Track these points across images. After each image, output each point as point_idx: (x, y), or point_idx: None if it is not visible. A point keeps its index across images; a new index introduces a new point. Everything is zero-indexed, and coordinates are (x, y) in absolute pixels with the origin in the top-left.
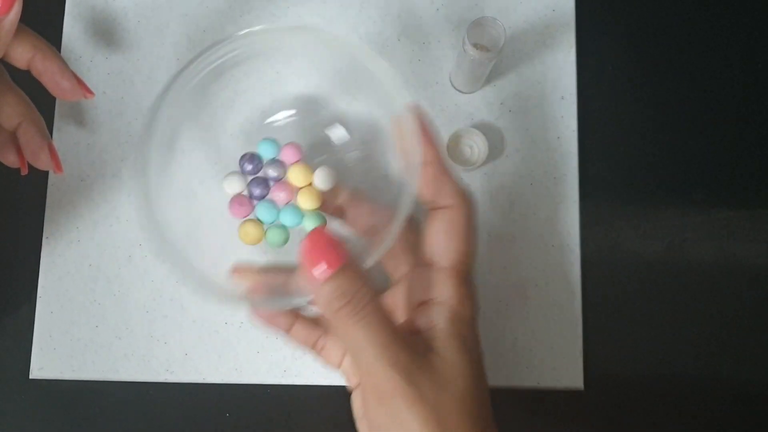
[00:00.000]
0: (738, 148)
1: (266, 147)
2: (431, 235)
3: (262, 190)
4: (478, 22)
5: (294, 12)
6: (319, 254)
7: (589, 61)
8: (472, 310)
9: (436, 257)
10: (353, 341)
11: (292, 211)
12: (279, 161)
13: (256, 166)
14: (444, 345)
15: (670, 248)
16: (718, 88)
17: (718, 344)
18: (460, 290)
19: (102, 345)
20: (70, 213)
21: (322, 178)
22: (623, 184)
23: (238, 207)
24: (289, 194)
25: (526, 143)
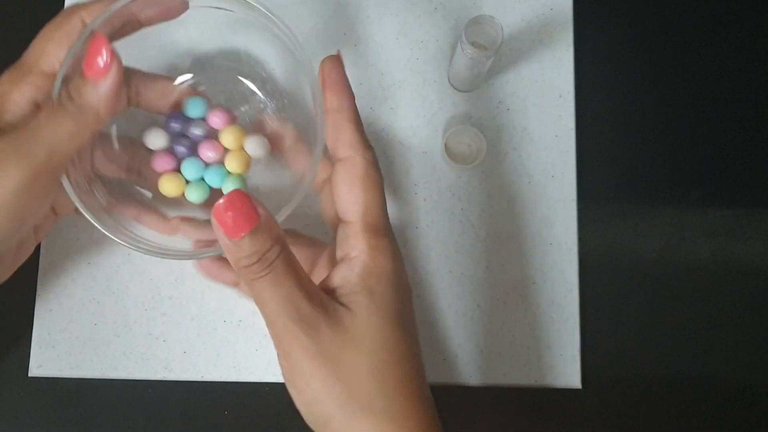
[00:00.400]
0: (736, 146)
1: (194, 105)
2: (335, 190)
3: (186, 148)
4: (476, 21)
5: (293, 11)
6: (233, 216)
7: (587, 59)
8: (387, 264)
9: (342, 212)
10: (258, 296)
11: (217, 172)
12: (206, 122)
13: (183, 126)
14: (353, 300)
15: (667, 247)
16: (715, 87)
17: (716, 343)
18: (369, 243)
19: (101, 343)
20: None
21: (254, 146)
22: (621, 182)
23: (160, 161)
24: (219, 154)
25: (524, 142)
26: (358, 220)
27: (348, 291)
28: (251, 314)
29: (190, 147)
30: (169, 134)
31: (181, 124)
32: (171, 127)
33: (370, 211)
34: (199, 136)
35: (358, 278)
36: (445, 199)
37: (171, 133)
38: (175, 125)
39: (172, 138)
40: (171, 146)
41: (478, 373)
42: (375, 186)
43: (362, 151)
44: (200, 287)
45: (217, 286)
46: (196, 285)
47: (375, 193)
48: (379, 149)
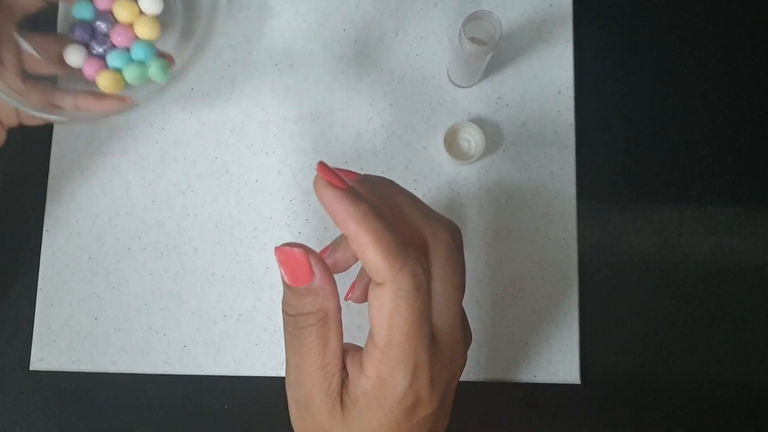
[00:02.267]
0: (735, 143)
1: (82, 6)
2: (369, 310)
3: (102, 44)
4: (475, 16)
5: (292, 7)
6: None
7: (587, 55)
8: (392, 399)
9: (371, 326)
10: (284, 340)
11: (140, 47)
12: (101, 12)
13: (87, 30)
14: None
15: (666, 243)
16: (715, 83)
17: (715, 338)
18: (380, 375)
19: (101, 337)
20: (70, 206)
21: (148, 3)
22: (620, 178)
23: (90, 68)
24: (129, 33)
25: (523, 137)
26: (378, 350)
27: (356, 393)
28: (251, 309)
29: (104, 41)
30: (81, 43)
31: (85, 29)
32: (78, 36)
33: (393, 345)
34: (107, 27)
35: (363, 395)
36: (444, 194)
37: (81, 41)
38: (81, 33)
39: (91, 38)
40: (90, 49)
41: (476, 368)
42: (403, 321)
43: (391, 280)
44: (200, 282)
45: (216, 281)
46: (196, 279)
47: (402, 328)
48: (379, 144)
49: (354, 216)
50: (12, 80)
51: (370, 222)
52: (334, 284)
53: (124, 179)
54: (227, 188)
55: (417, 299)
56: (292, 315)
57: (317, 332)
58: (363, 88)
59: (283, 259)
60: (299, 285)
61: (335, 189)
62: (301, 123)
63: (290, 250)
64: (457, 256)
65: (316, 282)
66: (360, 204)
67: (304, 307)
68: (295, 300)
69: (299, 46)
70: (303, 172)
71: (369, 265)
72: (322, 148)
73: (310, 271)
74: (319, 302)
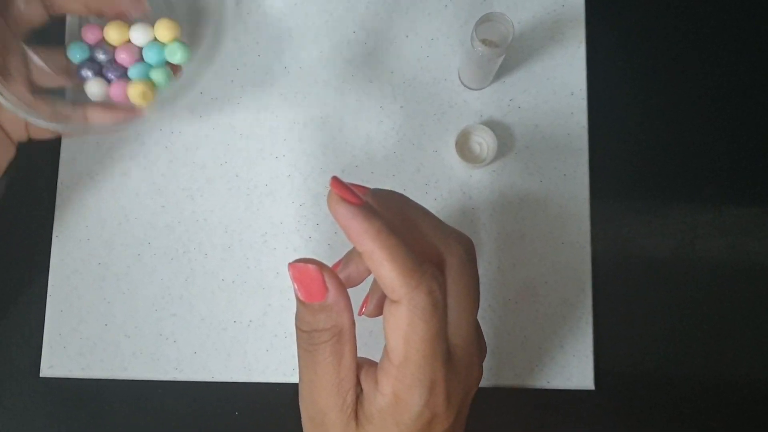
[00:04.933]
0: (749, 144)
1: (78, 48)
2: (385, 327)
3: (115, 70)
4: (487, 18)
5: (301, 9)
6: (304, 282)
7: (599, 56)
8: (407, 416)
9: (387, 344)
10: (298, 354)
11: (152, 53)
12: (94, 45)
13: (91, 67)
14: (375, 414)
15: (681, 245)
16: (729, 83)
17: (731, 343)
18: (395, 393)
19: (111, 343)
20: (79, 211)
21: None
22: (634, 180)
23: (117, 92)
24: (130, 49)
25: (535, 140)
26: (394, 368)
27: (371, 410)
28: (261, 315)
29: (114, 66)
30: (97, 76)
31: (89, 67)
32: (87, 75)
33: (409, 363)
34: (104, 58)
35: (379, 413)
36: (456, 197)
37: (87, 75)
38: (87, 71)
39: (101, 72)
40: (105, 78)
41: (489, 374)
42: (419, 339)
43: (407, 297)
44: (210, 287)
45: (226, 287)
46: (206, 285)
47: (418, 346)
48: (389, 147)
49: (369, 232)
50: (21, 92)
51: (384, 238)
52: (348, 300)
53: (134, 184)
54: (237, 192)
55: (433, 317)
56: (306, 331)
57: (331, 348)
58: (373, 91)
59: (297, 276)
60: (313, 301)
61: (349, 205)
62: (310, 126)
63: (304, 266)
64: (470, 270)
65: (330, 298)
66: (374, 220)
67: (318, 324)
68: (310, 316)
69: (308, 49)
70: (313, 176)
71: (384, 282)
72: (332, 152)
73: (324, 287)
74: (334, 318)
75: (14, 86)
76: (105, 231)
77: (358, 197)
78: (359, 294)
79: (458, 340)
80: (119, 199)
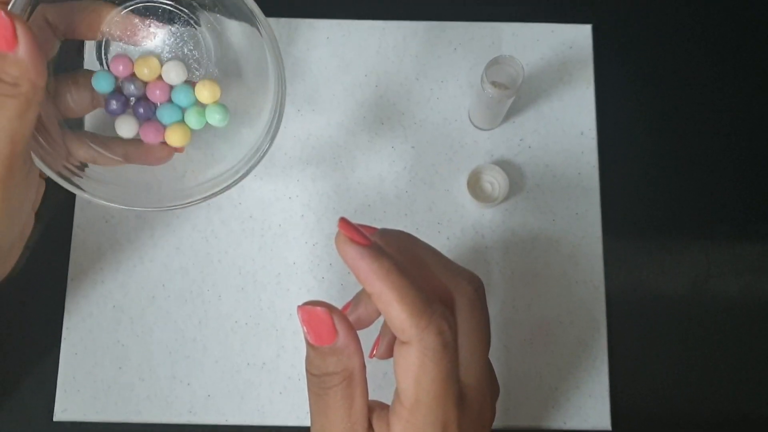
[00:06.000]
0: (762, 181)
1: (102, 78)
2: (395, 369)
3: (146, 108)
4: (496, 60)
5: (315, 55)
6: (314, 324)
7: (608, 97)
8: None
9: (398, 386)
10: (308, 397)
11: (182, 94)
12: (123, 79)
13: (120, 100)
14: None
15: (695, 284)
16: (739, 122)
17: (747, 381)
18: (406, 431)
19: (125, 386)
20: (94, 254)
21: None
22: (646, 219)
23: (149, 134)
24: (162, 85)
25: (546, 179)
26: (405, 411)
27: None
28: (275, 357)
29: (145, 102)
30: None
31: (118, 99)
32: (116, 109)
33: (420, 405)
34: (136, 91)
35: None
36: (469, 237)
37: (117, 112)
38: (118, 106)
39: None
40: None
41: (504, 415)
42: (431, 381)
43: (417, 338)
44: (224, 329)
45: (240, 329)
46: (219, 327)
47: (429, 388)
48: (402, 187)
49: (377, 273)
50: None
51: (393, 279)
52: (358, 342)
53: (149, 226)
54: (251, 233)
55: (444, 358)
56: (317, 375)
57: (342, 392)
58: (385, 132)
59: (306, 318)
60: (323, 344)
61: (357, 245)
62: (323, 167)
63: (313, 309)
64: (481, 309)
65: (340, 341)
66: (383, 260)
67: (328, 367)
68: (319, 360)
69: (321, 91)
70: (326, 216)
71: (394, 323)
72: (344, 192)
73: (333, 330)
74: (344, 362)
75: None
76: (120, 273)
77: (366, 237)
78: (371, 336)
79: (470, 380)
80: (134, 240)
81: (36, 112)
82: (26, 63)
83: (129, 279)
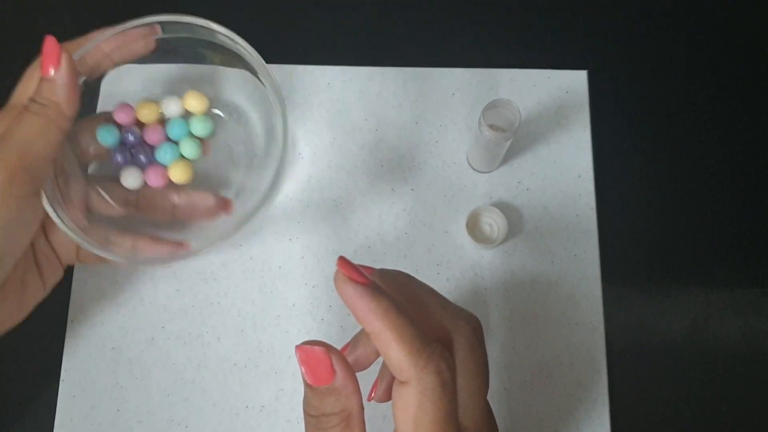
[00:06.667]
0: (761, 223)
1: (106, 131)
2: (394, 410)
3: (147, 153)
4: (493, 104)
5: (316, 100)
6: (312, 365)
7: (604, 140)
8: None
9: (396, 426)
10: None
11: (176, 127)
12: (125, 127)
13: (124, 151)
14: None
15: (694, 326)
16: (736, 164)
17: (748, 423)
18: None
19: (123, 429)
20: (94, 296)
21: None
22: (644, 260)
23: (154, 178)
24: (157, 128)
25: (545, 221)
26: None
27: None
28: (274, 400)
29: (144, 148)
30: (131, 165)
31: (122, 151)
32: (123, 160)
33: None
34: (133, 140)
35: None
36: (468, 278)
37: (123, 162)
38: (123, 157)
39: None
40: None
41: None
42: (429, 421)
43: (416, 378)
44: (222, 371)
45: (239, 371)
46: (218, 369)
47: (428, 428)
48: (401, 229)
49: (376, 312)
50: (78, 219)
51: (392, 318)
52: (356, 383)
53: (149, 268)
54: (251, 275)
55: (443, 398)
56: (314, 416)
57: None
58: (384, 174)
59: (304, 358)
60: (321, 384)
61: (356, 284)
62: (323, 209)
63: (311, 348)
64: (479, 350)
65: (338, 381)
66: (382, 299)
67: (326, 408)
68: (317, 400)
69: (322, 135)
70: (326, 258)
71: (392, 362)
72: (344, 233)
73: (331, 370)
74: (342, 402)
75: (73, 212)
76: (119, 315)
77: (364, 276)
78: (368, 379)
79: (469, 422)
80: (135, 282)
81: (56, 137)
82: (59, 89)
83: (128, 321)
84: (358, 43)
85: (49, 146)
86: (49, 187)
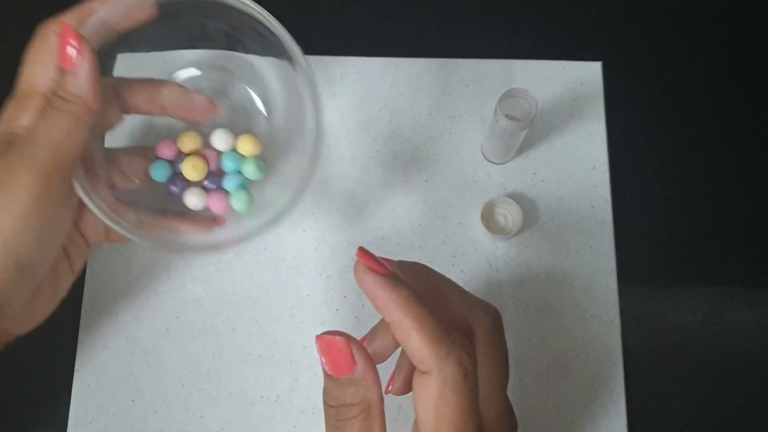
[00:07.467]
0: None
1: (160, 167)
2: (414, 400)
3: (211, 180)
4: (510, 93)
5: (329, 91)
6: (331, 355)
7: (619, 131)
8: None
9: (417, 417)
10: None
11: (231, 161)
12: (173, 161)
13: (177, 183)
14: None
15: (709, 319)
16: (752, 157)
17: (763, 416)
18: None
19: (138, 419)
20: (108, 286)
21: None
22: (659, 252)
23: (216, 203)
24: (214, 158)
25: (560, 213)
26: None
27: None
28: (288, 390)
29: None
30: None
31: (175, 183)
32: (178, 190)
33: None
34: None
35: None
36: (483, 270)
37: (176, 191)
38: (178, 187)
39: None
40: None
41: None
42: (451, 412)
43: (437, 368)
44: (237, 361)
45: (253, 361)
46: (233, 359)
47: (450, 419)
48: (415, 220)
49: (396, 301)
50: (105, 195)
51: (412, 308)
52: (376, 373)
53: (163, 258)
54: (265, 266)
55: (464, 388)
56: (334, 406)
57: (360, 424)
58: (398, 166)
59: (324, 348)
60: (341, 375)
61: (376, 274)
62: (337, 199)
63: (331, 338)
64: (499, 340)
65: (359, 371)
66: (402, 289)
67: (346, 398)
68: (337, 391)
69: (335, 126)
70: (340, 249)
71: (413, 352)
72: (358, 224)
73: (351, 360)
74: (362, 392)
75: (99, 188)
76: (134, 305)
77: (384, 267)
78: (386, 371)
79: (489, 414)
80: (149, 273)
81: (85, 134)
82: (84, 82)
83: (143, 311)
84: (372, 34)
85: (78, 144)
86: (80, 175)
